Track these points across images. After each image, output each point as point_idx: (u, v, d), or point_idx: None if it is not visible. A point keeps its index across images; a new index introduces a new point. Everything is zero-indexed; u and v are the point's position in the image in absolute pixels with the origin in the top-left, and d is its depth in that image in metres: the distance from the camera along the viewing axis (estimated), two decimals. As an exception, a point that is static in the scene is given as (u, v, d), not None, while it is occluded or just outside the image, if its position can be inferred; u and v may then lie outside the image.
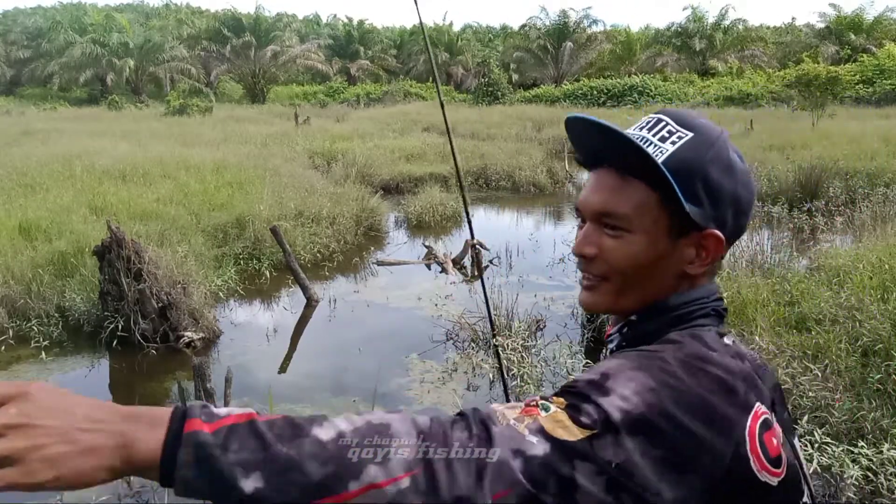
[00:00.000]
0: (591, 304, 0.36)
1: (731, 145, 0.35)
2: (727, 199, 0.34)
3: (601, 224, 0.35)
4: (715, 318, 0.35)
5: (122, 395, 2.12)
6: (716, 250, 0.34)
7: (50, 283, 2.64)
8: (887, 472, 1.27)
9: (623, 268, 0.34)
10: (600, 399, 0.27)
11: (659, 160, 0.33)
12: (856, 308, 1.85)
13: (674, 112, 0.35)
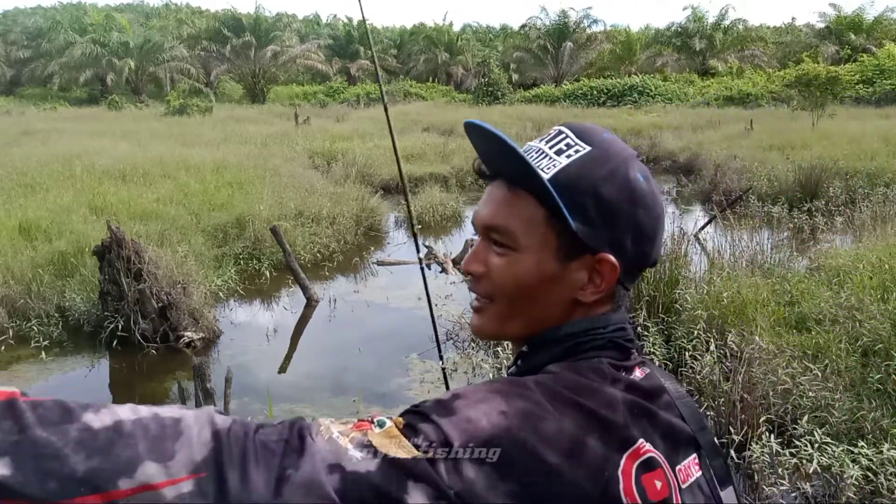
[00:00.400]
0: (479, 327, 0.33)
1: (641, 167, 0.32)
2: (623, 222, 0.31)
3: (490, 240, 0.32)
4: (613, 350, 0.31)
5: (123, 394, 2.11)
6: (610, 277, 0.31)
7: (50, 283, 2.64)
8: (887, 472, 1.27)
9: (507, 289, 0.31)
10: (441, 419, 0.24)
11: (548, 174, 0.30)
12: (856, 308, 1.85)
13: (578, 126, 0.33)
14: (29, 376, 2.22)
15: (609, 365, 0.30)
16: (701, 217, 4.12)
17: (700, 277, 2.34)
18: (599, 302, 0.32)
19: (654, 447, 0.28)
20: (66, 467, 0.21)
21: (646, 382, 0.30)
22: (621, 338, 0.32)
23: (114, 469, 0.21)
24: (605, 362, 0.30)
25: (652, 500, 0.27)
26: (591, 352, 0.31)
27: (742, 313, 1.96)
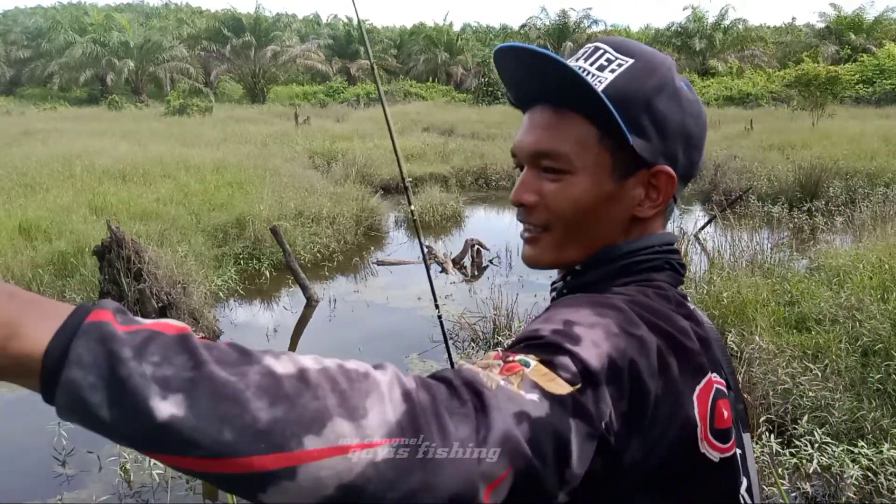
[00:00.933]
0: (534, 258, 0.32)
1: (679, 75, 0.31)
2: (676, 132, 0.30)
3: (539, 168, 0.31)
4: (670, 274, 0.31)
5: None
6: (667, 189, 0.30)
7: (50, 283, 2.64)
8: (887, 471, 1.27)
9: (565, 214, 0.30)
10: (574, 348, 0.23)
11: (598, 89, 0.28)
12: (856, 308, 1.85)
13: (613, 39, 0.31)
14: (29, 376, 2.22)
15: (672, 293, 0.30)
16: (701, 217, 4.13)
17: (700, 277, 2.34)
18: (654, 217, 0.31)
19: (720, 374, 0.28)
20: (248, 414, 0.17)
21: (700, 316, 0.31)
22: (676, 260, 0.31)
23: (300, 422, 0.17)
24: (667, 286, 0.30)
25: (718, 427, 0.27)
26: (649, 273, 0.30)
27: (742, 313, 1.96)
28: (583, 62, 0.31)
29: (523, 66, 0.30)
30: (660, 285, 0.30)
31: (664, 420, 0.25)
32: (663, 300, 0.29)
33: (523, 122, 0.32)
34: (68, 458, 1.64)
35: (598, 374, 0.23)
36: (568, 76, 0.28)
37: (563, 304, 0.27)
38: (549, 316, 0.26)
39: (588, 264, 0.31)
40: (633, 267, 0.30)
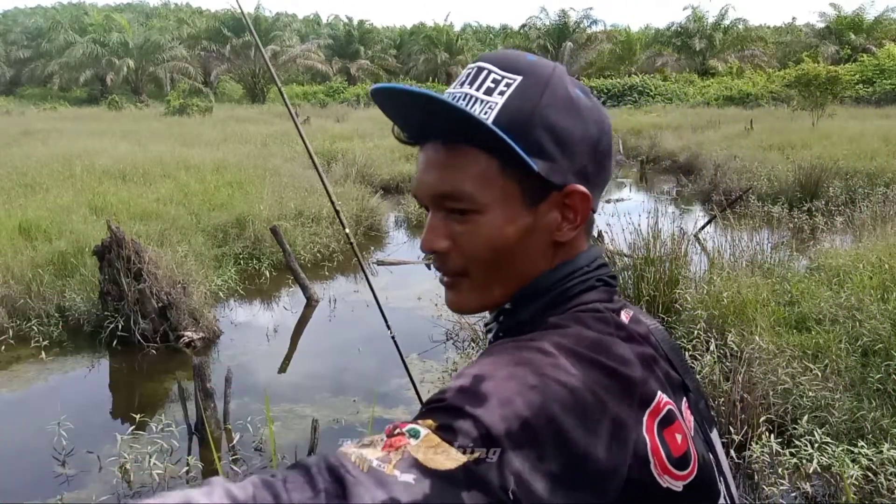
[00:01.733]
0: (458, 305, 0.30)
1: (571, 79, 0.29)
2: (581, 144, 0.28)
3: (445, 210, 0.28)
4: (602, 290, 0.29)
5: (123, 395, 2.11)
6: (584, 207, 0.28)
7: (50, 282, 2.63)
8: (887, 472, 1.27)
9: (482, 256, 0.28)
10: (476, 410, 0.21)
11: (488, 118, 0.26)
12: (856, 308, 1.85)
13: (496, 56, 0.28)
14: (29, 376, 2.22)
15: (606, 310, 0.28)
16: (701, 217, 4.11)
17: (700, 277, 2.33)
18: (576, 237, 0.29)
19: (668, 394, 0.26)
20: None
21: (635, 327, 0.28)
22: (606, 274, 0.30)
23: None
24: (602, 307, 0.28)
25: (675, 455, 0.25)
26: (582, 296, 0.28)
27: (742, 313, 1.96)
28: (468, 87, 0.28)
29: (404, 106, 0.28)
30: (595, 307, 0.28)
31: (611, 468, 0.23)
32: (601, 324, 0.27)
33: (419, 160, 0.29)
34: (68, 459, 1.63)
35: (503, 438, 0.21)
36: (454, 114, 0.26)
37: (487, 352, 0.26)
38: (463, 371, 0.24)
39: (517, 301, 0.29)
40: (565, 294, 0.28)
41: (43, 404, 1.95)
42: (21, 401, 2.05)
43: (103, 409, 1.99)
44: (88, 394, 2.12)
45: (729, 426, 1.51)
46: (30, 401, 2.06)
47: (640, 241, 2.38)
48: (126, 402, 2.00)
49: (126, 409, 1.88)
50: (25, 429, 1.82)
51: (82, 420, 1.77)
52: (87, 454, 1.64)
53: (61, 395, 2.05)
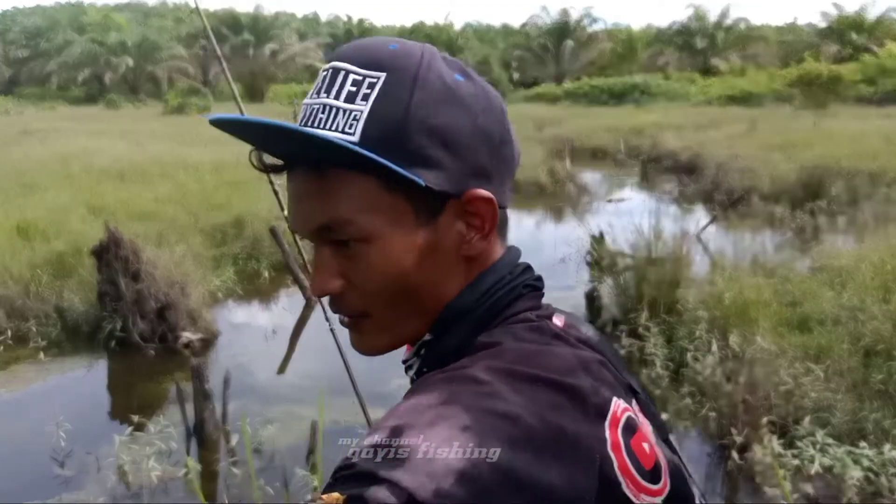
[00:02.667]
0: (367, 347, 0.26)
1: (448, 61, 0.24)
2: (472, 140, 0.23)
3: (329, 244, 0.24)
4: (531, 297, 0.25)
5: (121, 396, 2.10)
6: (489, 211, 0.24)
7: (48, 283, 2.62)
8: (888, 472, 1.27)
9: (382, 291, 0.23)
10: (394, 473, 0.17)
11: (354, 135, 0.22)
12: (858, 308, 1.84)
13: (351, 51, 0.23)
14: (27, 377, 2.21)
15: (539, 317, 0.24)
16: (703, 217, 4.10)
17: (702, 278, 2.33)
18: (490, 245, 0.25)
19: (622, 398, 0.22)
20: None
21: (572, 331, 0.25)
22: (531, 278, 0.26)
23: None
24: (534, 315, 0.24)
25: (647, 468, 0.21)
26: (510, 307, 0.24)
27: (744, 314, 1.95)
28: (325, 96, 0.23)
29: (255, 135, 0.23)
30: (526, 317, 0.24)
31: (579, 497, 0.19)
32: (536, 333, 0.23)
33: (288, 190, 0.24)
34: (66, 460, 1.63)
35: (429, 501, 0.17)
36: (310, 144, 0.22)
37: (410, 392, 0.22)
38: (378, 422, 0.20)
39: (439, 329, 0.25)
40: (493, 309, 0.24)
41: (41, 405, 1.95)
42: (19, 401, 2.05)
43: (101, 410, 1.98)
44: (87, 395, 2.11)
45: (731, 427, 1.50)
46: (28, 402, 2.05)
47: (641, 241, 2.37)
48: (124, 403, 1.99)
49: (124, 410, 1.86)
50: (24, 430, 1.82)
51: (80, 421, 1.77)
52: (86, 455, 1.64)
53: (60, 395, 2.04)
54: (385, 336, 0.25)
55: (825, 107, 7.52)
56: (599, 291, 2.37)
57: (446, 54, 0.25)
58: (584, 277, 2.87)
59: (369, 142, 0.22)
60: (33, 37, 18.39)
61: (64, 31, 16.36)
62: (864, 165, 4.68)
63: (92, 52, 15.30)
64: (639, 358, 1.99)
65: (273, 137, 0.23)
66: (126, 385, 2.19)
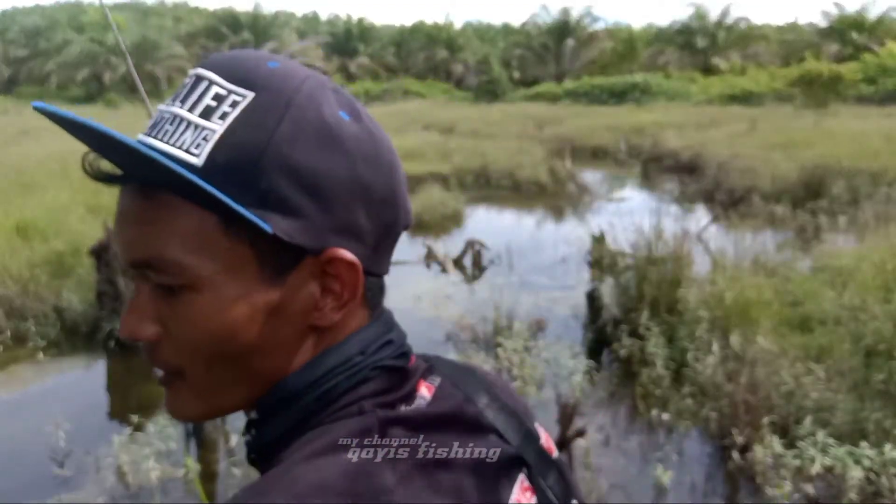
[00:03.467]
0: (177, 412, 0.21)
1: (341, 99, 0.21)
2: (343, 190, 0.20)
3: (149, 281, 0.20)
4: (381, 380, 0.21)
5: (120, 396, 2.10)
6: (351, 278, 0.20)
7: (47, 283, 2.62)
8: (889, 472, 1.26)
9: (202, 349, 0.20)
10: None
11: (200, 157, 0.18)
12: (859, 308, 1.83)
13: (224, 61, 0.20)
14: (26, 377, 2.21)
15: (379, 404, 0.20)
16: (704, 216, 4.11)
17: (703, 277, 2.32)
18: (349, 316, 0.21)
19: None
20: None
21: (436, 407, 0.21)
22: (389, 356, 0.21)
23: None
24: (369, 405, 0.20)
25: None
26: (349, 393, 0.20)
27: (745, 314, 1.94)
28: (180, 106, 0.19)
29: (81, 135, 0.19)
30: (353, 410, 0.20)
31: None
32: (358, 436, 0.18)
33: (117, 207, 0.21)
34: (65, 460, 1.62)
35: None
36: (135, 156, 0.18)
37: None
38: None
39: (264, 409, 0.21)
40: (326, 398, 0.20)
41: (40, 405, 1.94)
42: (18, 402, 2.04)
43: (100, 410, 1.98)
44: (86, 395, 2.11)
45: (732, 428, 1.50)
46: (27, 402, 2.05)
47: (642, 240, 2.35)
48: (123, 403, 1.98)
49: (123, 410, 1.86)
50: (22, 430, 1.81)
51: (79, 421, 1.76)
52: (85, 455, 1.63)
53: (58, 396, 2.04)
54: (199, 403, 0.21)
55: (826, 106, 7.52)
56: (600, 291, 2.36)
57: (342, 89, 0.21)
58: (585, 277, 2.87)
59: (214, 169, 0.19)
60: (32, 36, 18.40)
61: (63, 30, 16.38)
62: (865, 165, 4.67)
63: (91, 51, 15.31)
64: (639, 358, 1.98)
65: (102, 143, 0.19)
66: (125, 385, 2.18)
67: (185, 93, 0.20)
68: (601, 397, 1.92)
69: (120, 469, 1.53)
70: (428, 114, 10.08)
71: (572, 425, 1.40)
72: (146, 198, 0.20)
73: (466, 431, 0.21)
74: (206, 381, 0.20)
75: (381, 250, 0.22)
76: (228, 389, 0.21)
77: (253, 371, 0.21)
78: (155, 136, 0.20)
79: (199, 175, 0.19)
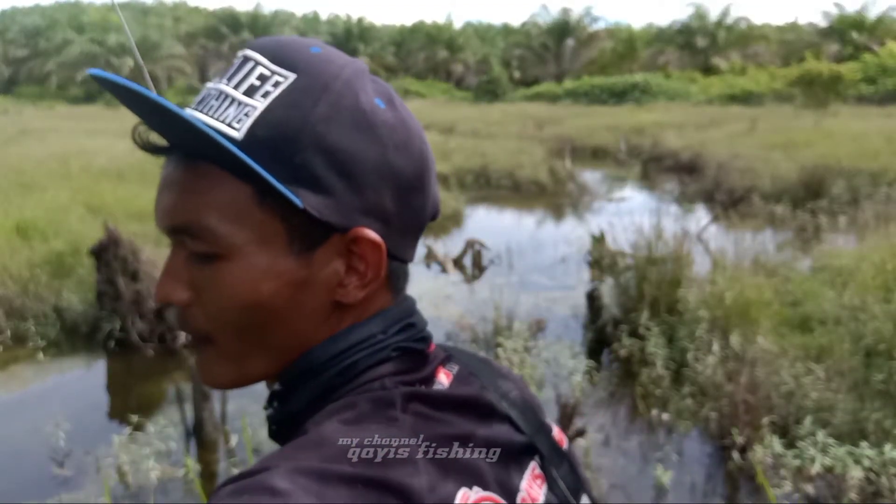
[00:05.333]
0: (206, 378, 0.22)
1: (378, 87, 0.22)
2: (373, 174, 0.20)
3: (185, 247, 0.21)
4: (400, 361, 0.21)
5: (120, 396, 2.10)
6: (375, 258, 0.21)
7: (47, 283, 2.62)
8: (889, 472, 1.26)
9: (228, 317, 0.20)
10: None
11: (240, 131, 0.19)
12: (859, 308, 1.83)
13: (271, 44, 0.21)
14: (26, 377, 2.21)
15: (400, 383, 0.20)
16: (704, 216, 4.10)
17: (703, 277, 2.32)
18: (374, 295, 0.21)
19: (483, 484, 0.19)
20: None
21: (455, 390, 0.21)
22: (410, 338, 0.22)
23: None
24: (390, 382, 0.20)
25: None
26: (368, 372, 0.21)
27: (745, 314, 1.94)
28: (226, 83, 0.21)
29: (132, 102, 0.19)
30: (376, 385, 0.20)
31: None
32: (379, 408, 0.19)
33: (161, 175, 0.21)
34: (65, 460, 1.62)
35: None
36: (178, 124, 0.19)
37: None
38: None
39: (287, 381, 0.21)
40: (347, 373, 0.21)
41: (40, 405, 1.94)
42: (18, 402, 2.04)
43: (100, 410, 1.98)
44: (86, 395, 2.11)
45: (732, 428, 1.50)
46: (27, 402, 2.05)
47: (642, 240, 2.35)
48: (123, 403, 1.98)
49: (123, 410, 1.86)
50: (22, 430, 1.81)
51: (79, 421, 1.76)
52: (85, 455, 1.63)
53: (58, 395, 2.04)
54: (229, 369, 0.21)
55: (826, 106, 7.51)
56: (600, 291, 2.35)
57: (379, 79, 0.22)
58: (585, 277, 2.88)
59: (253, 143, 0.19)
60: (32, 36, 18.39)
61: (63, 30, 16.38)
62: (864, 165, 4.67)
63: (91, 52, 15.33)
64: (639, 358, 1.98)
65: (153, 113, 0.19)
66: (125, 385, 2.19)
67: (233, 71, 0.21)
68: (601, 397, 1.92)
69: (120, 469, 1.53)
70: (428, 113, 10.04)
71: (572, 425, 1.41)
72: (188, 167, 0.21)
73: (483, 416, 0.21)
74: (234, 348, 0.21)
75: (406, 236, 0.22)
76: (255, 357, 0.21)
77: (278, 340, 0.21)
78: (200, 110, 0.21)
79: (239, 147, 0.19)
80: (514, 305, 2.39)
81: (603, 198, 5.49)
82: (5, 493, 1.52)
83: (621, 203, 4.81)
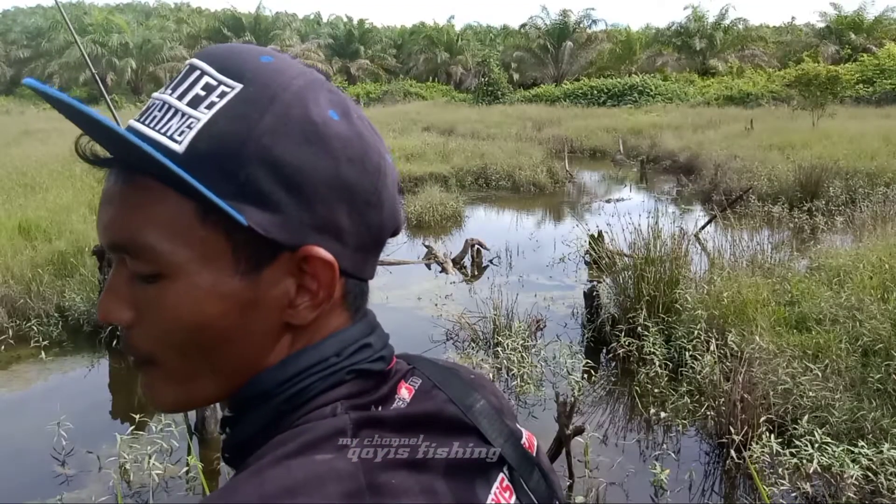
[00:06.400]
0: (151, 399, 0.21)
1: (333, 98, 0.20)
2: (325, 189, 0.19)
3: (127, 266, 0.20)
4: (355, 383, 0.20)
5: (122, 395, 2.10)
6: (327, 277, 0.20)
7: (49, 282, 2.63)
8: (887, 471, 1.27)
9: (172, 337, 0.19)
10: None
11: (181, 144, 0.18)
12: (856, 308, 1.85)
13: (218, 53, 0.20)
14: (29, 376, 2.22)
15: (351, 408, 0.19)
16: (701, 217, 4.11)
17: (700, 277, 2.33)
18: (328, 315, 0.21)
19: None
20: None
21: (414, 408, 0.21)
22: (366, 359, 0.21)
23: None
24: (342, 406, 0.19)
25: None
26: (322, 395, 0.20)
27: (742, 313, 1.95)
28: (170, 94, 0.20)
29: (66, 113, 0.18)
30: (333, 409, 0.19)
31: None
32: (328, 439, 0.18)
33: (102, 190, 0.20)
34: (68, 459, 1.63)
35: None
36: (114, 138, 0.18)
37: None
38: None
39: (237, 406, 0.21)
40: (297, 399, 0.20)
41: (43, 404, 1.95)
42: (21, 401, 2.05)
43: (103, 409, 1.99)
44: (88, 394, 2.11)
45: (729, 426, 1.51)
46: (29, 401, 2.05)
47: (640, 240, 2.37)
48: (125, 402, 1.99)
49: (125, 409, 1.86)
50: (25, 429, 1.82)
51: (82, 420, 1.77)
52: (87, 454, 1.64)
53: (61, 395, 2.04)
54: (173, 391, 0.20)
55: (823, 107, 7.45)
56: (598, 291, 2.36)
57: (338, 90, 0.21)
58: (584, 277, 2.92)
59: (194, 157, 0.18)
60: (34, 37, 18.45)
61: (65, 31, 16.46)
62: (862, 165, 4.69)
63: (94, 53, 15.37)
64: (637, 357, 1.99)
65: (87, 124, 0.18)
66: (127, 384, 2.18)
67: (178, 81, 0.20)
68: (599, 396, 1.93)
69: (122, 467, 1.53)
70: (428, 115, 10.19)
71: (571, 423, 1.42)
72: (127, 182, 0.19)
73: (445, 432, 0.20)
74: (179, 370, 0.20)
75: (363, 252, 0.21)
76: (201, 380, 0.20)
77: (226, 363, 0.20)
78: (143, 122, 0.20)
79: (179, 162, 0.18)
80: (514, 305, 2.40)
81: (601, 198, 5.51)
82: (8, 492, 1.53)
83: (619, 203, 4.81)
